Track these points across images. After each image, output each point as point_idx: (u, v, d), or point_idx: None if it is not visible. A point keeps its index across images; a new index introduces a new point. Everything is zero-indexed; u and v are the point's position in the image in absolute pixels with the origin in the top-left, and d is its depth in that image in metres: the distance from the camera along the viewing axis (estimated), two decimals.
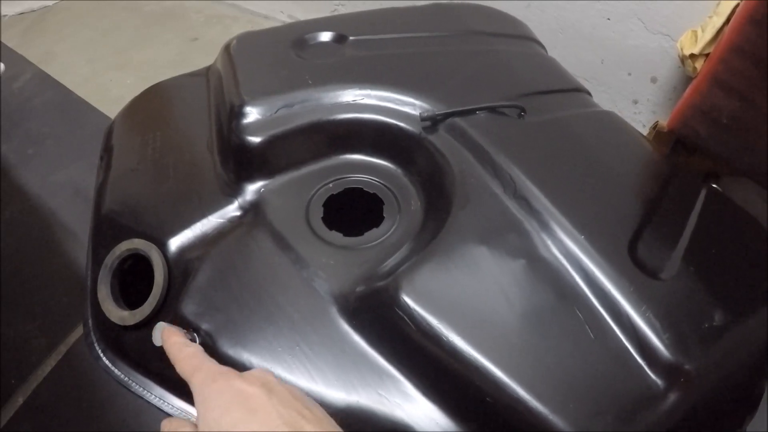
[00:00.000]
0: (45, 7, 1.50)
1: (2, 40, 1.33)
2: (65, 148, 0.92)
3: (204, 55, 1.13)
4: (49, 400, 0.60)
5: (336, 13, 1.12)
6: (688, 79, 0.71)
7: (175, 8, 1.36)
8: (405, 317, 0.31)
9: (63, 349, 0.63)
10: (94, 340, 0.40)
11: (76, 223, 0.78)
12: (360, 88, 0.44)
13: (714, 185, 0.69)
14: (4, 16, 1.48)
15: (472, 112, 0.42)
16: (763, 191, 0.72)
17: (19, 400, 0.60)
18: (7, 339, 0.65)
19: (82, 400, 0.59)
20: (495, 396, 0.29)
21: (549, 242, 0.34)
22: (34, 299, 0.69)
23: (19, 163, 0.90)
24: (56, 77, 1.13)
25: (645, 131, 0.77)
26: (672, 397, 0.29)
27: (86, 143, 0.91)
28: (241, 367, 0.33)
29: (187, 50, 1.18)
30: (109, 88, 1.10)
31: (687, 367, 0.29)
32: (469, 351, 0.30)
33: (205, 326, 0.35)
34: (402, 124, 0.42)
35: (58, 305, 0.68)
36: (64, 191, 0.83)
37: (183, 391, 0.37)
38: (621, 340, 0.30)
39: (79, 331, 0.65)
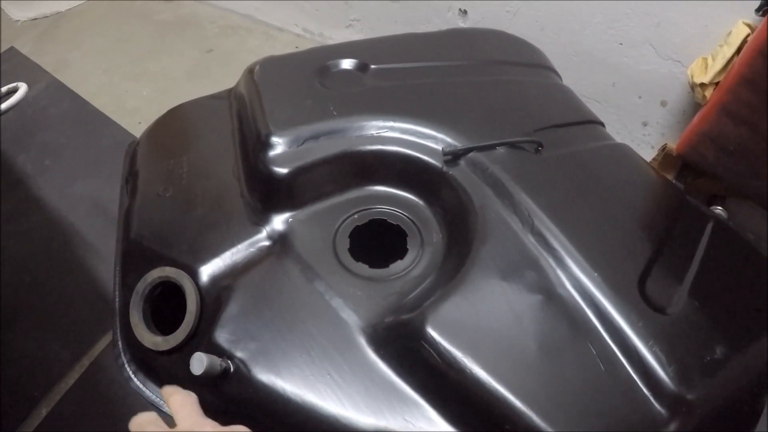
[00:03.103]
0: (58, 12, 1.51)
1: (16, 47, 1.34)
2: (82, 160, 0.94)
3: (219, 67, 1.14)
4: (72, 413, 0.62)
5: (351, 28, 1.13)
6: (697, 104, 0.73)
7: (189, 17, 1.38)
8: (431, 350, 0.33)
9: (86, 362, 0.65)
10: (125, 361, 0.42)
11: (96, 237, 0.79)
12: (384, 120, 0.46)
13: (720, 208, 0.71)
14: (17, 21, 1.50)
15: (492, 147, 0.43)
16: (766, 212, 0.73)
17: (43, 411, 0.62)
18: (30, 352, 0.67)
19: (105, 412, 0.61)
20: (513, 423, 0.31)
21: (564, 279, 0.36)
22: (56, 312, 0.71)
23: (37, 174, 0.92)
24: (71, 86, 1.14)
25: (654, 153, 0.78)
26: (675, 425, 0.31)
27: (103, 155, 0.93)
28: (275, 394, 0.34)
29: (203, 61, 1.19)
30: (125, 99, 1.11)
31: (689, 397, 0.31)
32: (490, 382, 0.31)
33: (239, 354, 0.36)
34: (425, 158, 0.44)
35: (81, 318, 0.70)
36: (83, 204, 0.85)
37: (214, 412, 0.38)
38: (629, 373, 0.33)
39: (101, 345, 0.67)
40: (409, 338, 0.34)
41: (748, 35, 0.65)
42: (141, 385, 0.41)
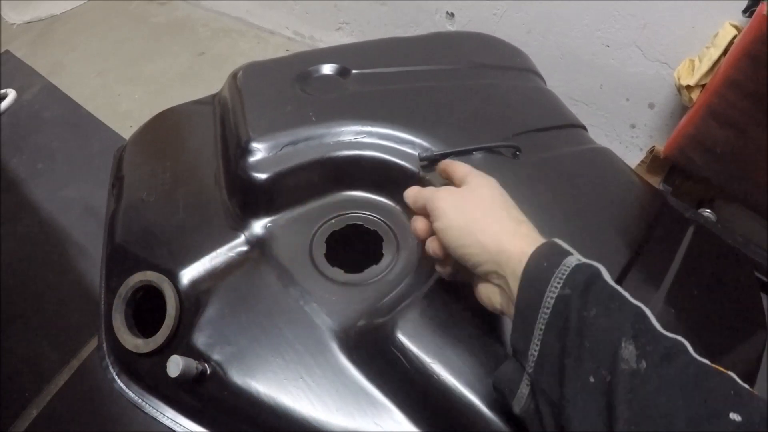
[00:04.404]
0: (53, 15, 1.53)
1: (11, 50, 1.36)
2: (75, 163, 0.94)
3: (211, 70, 1.15)
4: (62, 413, 0.63)
5: (341, 30, 1.14)
6: (685, 107, 0.73)
7: (182, 21, 1.38)
8: (400, 355, 0.33)
9: (75, 363, 0.66)
10: (109, 363, 0.43)
11: (87, 240, 0.80)
12: (362, 126, 0.46)
13: (708, 211, 0.71)
14: (12, 24, 1.51)
15: (469, 152, 0.44)
16: (755, 214, 0.73)
17: (33, 412, 0.63)
18: (21, 353, 0.68)
19: (94, 413, 0.62)
20: (481, 430, 0.31)
21: None
22: (46, 314, 0.72)
23: (30, 178, 0.93)
24: (65, 90, 1.15)
25: (642, 155, 0.78)
26: None
27: (95, 159, 0.93)
28: (249, 396, 0.35)
29: (195, 64, 1.20)
30: (118, 102, 1.12)
31: None
32: (458, 388, 0.32)
33: (215, 357, 0.37)
34: (402, 163, 0.44)
35: (71, 320, 0.71)
36: (75, 207, 0.86)
37: (193, 413, 0.39)
38: None
39: (90, 346, 0.67)
40: (380, 343, 0.35)
41: (734, 37, 0.65)
42: (125, 387, 0.41)
